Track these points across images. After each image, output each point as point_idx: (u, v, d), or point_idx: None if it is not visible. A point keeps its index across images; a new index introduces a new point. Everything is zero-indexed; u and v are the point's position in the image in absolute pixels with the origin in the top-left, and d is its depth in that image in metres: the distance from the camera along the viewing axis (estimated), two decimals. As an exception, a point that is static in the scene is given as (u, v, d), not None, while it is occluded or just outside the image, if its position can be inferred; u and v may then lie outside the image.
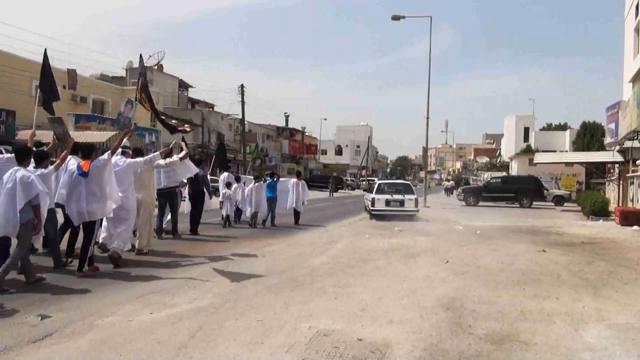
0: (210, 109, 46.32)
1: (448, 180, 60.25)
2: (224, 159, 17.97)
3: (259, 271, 6.89)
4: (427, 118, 26.24)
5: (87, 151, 6.86)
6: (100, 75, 35.74)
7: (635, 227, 14.10)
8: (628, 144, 18.25)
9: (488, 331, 4.35)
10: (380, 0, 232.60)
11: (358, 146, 76.35)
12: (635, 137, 17.00)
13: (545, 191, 27.91)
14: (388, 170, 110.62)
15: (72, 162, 6.96)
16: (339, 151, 77.23)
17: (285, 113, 62.92)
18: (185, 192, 11.62)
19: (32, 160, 6.22)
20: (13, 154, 6.23)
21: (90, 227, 6.63)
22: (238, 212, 13.68)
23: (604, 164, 26.37)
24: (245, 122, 42.27)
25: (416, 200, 16.35)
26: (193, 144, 36.35)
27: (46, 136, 19.38)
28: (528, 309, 5.10)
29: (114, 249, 7.17)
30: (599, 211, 18.23)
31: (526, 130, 46.64)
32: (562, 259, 8.44)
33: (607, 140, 22.16)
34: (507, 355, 3.83)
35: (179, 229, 10.58)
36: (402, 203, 16.03)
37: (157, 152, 8.57)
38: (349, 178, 59.09)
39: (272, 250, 8.90)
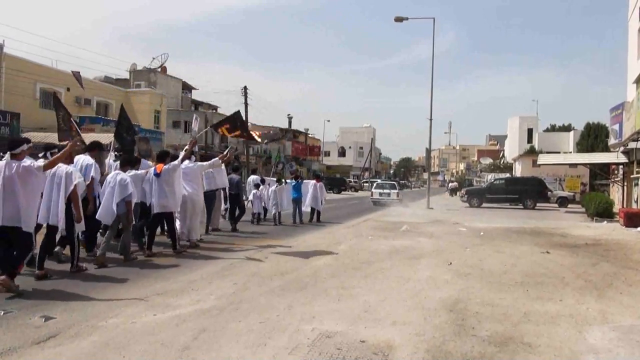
0: (214, 111, 46.44)
1: (451, 182, 60.65)
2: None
3: (262, 272, 6.90)
4: (430, 120, 26.42)
5: (161, 156, 8.57)
6: (104, 78, 35.88)
7: (639, 229, 14.03)
8: (632, 145, 18.17)
9: (491, 333, 4.34)
10: (384, 0, 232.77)
11: (361, 148, 76.26)
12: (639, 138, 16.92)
13: (549, 192, 27.82)
14: (391, 171, 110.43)
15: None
16: (342, 153, 77.19)
17: (288, 115, 63.09)
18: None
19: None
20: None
21: (169, 217, 8.49)
22: (265, 211, 15.07)
23: (608, 165, 26.27)
24: (249, 123, 42.32)
25: (397, 193, 26.35)
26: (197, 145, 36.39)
27: (50, 138, 19.46)
28: (531, 311, 5.09)
29: (192, 240, 9.14)
30: (603, 212, 18.16)
31: (530, 131, 46.54)
32: (566, 260, 8.42)
33: (611, 141, 22.06)
34: (511, 357, 3.82)
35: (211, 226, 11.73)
36: (389, 195, 26.01)
37: (218, 158, 9.89)
38: (352, 180, 59.01)
39: (276, 251, 8.90)
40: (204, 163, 9.70)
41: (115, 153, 9.59)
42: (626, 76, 21.99)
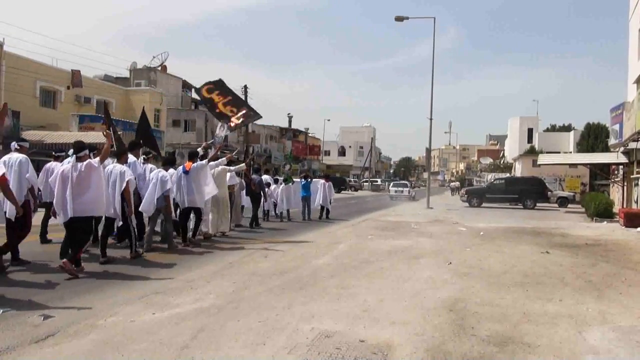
0: (214, 110, 46.30)
1: (452, 182, 61.14)
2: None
3: (261, 271, 6.89)
4: (431, 119, 26.24)
5: (191, 155, 9.51)
6: (104, 76, 35.85)
7: (639, 229, 14.02)
8: (632, 145, 18.15)
9: (491, 333, 4.34)
10: (385, 1, 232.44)
11: (361, 147, 76.25)
12: (640, 139, 16.90)
13: (549, 192, 27.82)
14: (391, 171, 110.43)
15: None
16: (342, 152, 77.16)
17: (288, 114, 63.19)
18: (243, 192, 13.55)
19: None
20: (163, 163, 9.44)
21: (198, 212, 9.40)
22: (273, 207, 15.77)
23: (608, 165, 26.26)
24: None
25: (409, 190, 35.32)
26: (197, 144, 36.39)
27: (50, 136, 19.52)
28: (531, 311, 5.08)
29: (205, 232, 10.15)
30: (603, 213, 18.14)
31: (530, 131, 46.61)
32: (565, 260, 8.41)
33: (612, 141, 22.06)
34: (510, 357, 3.82)
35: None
36: (402, 191, 34.89)
37: (224, 158, 10.66)
38: (352, 179, 59.04)
39: (276, 251, 8.90)
40: (212, 162, 10.13)
41: (144, 156, 9.84)
42: (627, 76, 21.98)
